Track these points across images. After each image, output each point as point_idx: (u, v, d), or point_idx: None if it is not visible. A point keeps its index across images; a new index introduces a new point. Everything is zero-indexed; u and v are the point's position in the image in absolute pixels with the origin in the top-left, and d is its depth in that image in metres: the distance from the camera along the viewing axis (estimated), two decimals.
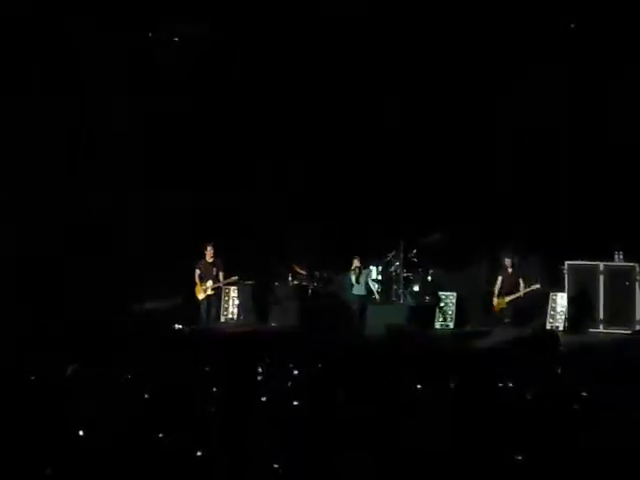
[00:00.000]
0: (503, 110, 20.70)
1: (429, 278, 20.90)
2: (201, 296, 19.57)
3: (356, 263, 19.16)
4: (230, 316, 21.08)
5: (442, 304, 20.06)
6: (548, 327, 19.06)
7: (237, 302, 21.05)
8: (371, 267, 21.02)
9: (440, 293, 20.14)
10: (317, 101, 21.61)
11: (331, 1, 20.82)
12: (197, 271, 19.61)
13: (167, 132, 21.64)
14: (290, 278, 21.17)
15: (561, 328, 19.11)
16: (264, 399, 10.17)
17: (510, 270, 18.68)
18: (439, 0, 20.40)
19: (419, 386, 10.66)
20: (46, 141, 20.44)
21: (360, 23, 20.77)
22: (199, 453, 8.02)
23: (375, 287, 20.07)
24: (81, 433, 8.40)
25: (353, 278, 19.23)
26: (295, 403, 9.86)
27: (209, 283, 19.50)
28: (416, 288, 21.18)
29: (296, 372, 12.25)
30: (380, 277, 21.13)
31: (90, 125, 21.25)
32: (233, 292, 21.07)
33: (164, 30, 21.47)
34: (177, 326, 19.13)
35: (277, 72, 21.72)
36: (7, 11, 19.41)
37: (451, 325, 19.92)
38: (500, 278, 18.71)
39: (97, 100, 20.99)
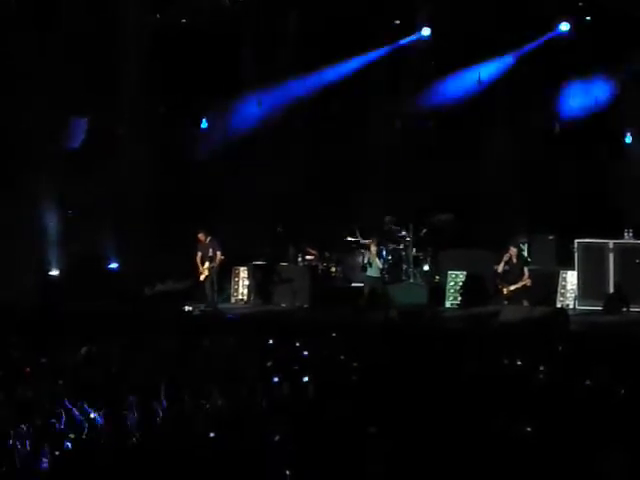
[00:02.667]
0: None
1: (439, 258, 20.88)
2: (202, 277, 19.70)
3: (373, 246, 19.16)
4: (240, 297, 21.12)
5: (452, 283, 20.02)
6: (558, 305, 19.04)
7: (247, 283, 21.07)
8: (381, 247, 20.99)
9: (450, 272, 20.09)
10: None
11: None
12: (199, 253, 19.72)
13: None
14: (300, 259, 21.18)
15: (571, 306, 19.10)
16: (276, 380, 10.24)
17: (515, 260, 18.38)
18: None
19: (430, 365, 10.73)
20: None
21: None
22: (212, 435, 8.17)
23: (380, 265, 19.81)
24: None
25: (367, 260, 19.24)
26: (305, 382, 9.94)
27: (206, 264, 19.63)
28: (426, 267, 21.15)
29: (305, 353, 12.32)
30: (390, 257, 21.10)
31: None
32: (243, 273, 21.10)
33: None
34: (187, 308, 19.23)
35: None
36: None
37: (461, 304, 19.88)
38: (505, 266, 18.31)
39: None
